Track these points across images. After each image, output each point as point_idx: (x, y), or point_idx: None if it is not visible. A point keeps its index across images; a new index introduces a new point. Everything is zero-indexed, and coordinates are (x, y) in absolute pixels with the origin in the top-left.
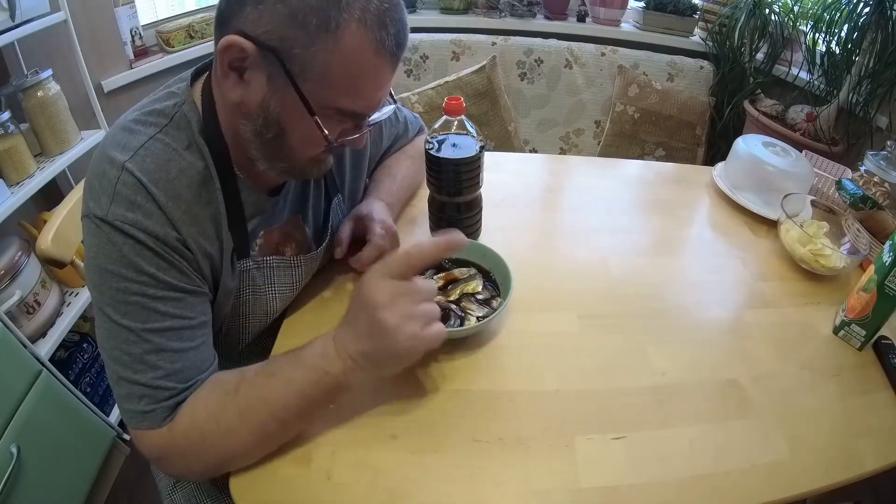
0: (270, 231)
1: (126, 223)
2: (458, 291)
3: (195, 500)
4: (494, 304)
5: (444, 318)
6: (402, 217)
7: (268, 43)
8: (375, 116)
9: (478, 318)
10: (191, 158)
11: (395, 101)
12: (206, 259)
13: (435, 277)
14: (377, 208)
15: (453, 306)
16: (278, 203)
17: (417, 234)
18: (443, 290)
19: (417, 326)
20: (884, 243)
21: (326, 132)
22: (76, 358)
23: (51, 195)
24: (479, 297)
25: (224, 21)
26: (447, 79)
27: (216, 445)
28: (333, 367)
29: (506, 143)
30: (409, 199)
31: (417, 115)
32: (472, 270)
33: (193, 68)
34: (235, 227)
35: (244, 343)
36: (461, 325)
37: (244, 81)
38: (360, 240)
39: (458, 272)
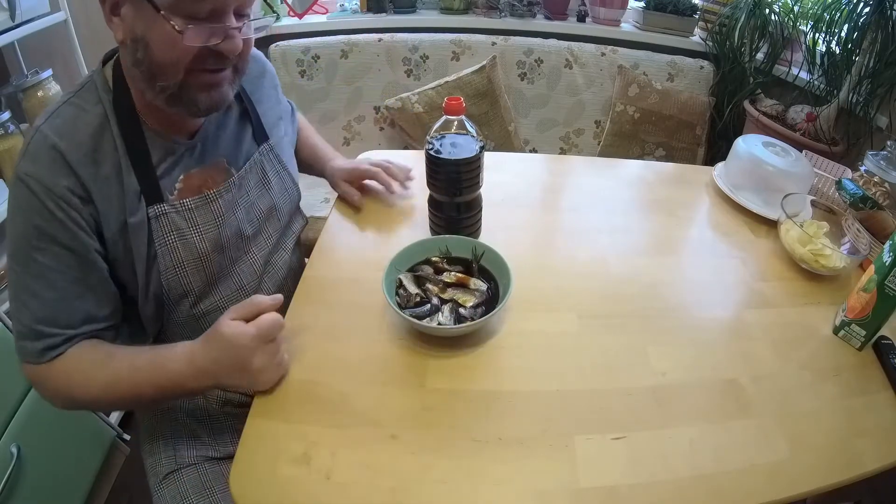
0: (190, 175)
1: (27, 175)
2: (451, 294)
3: (182, 495)
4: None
5: (436, 309)
6: (401, 217)
7: None
8: (249, 25)
9: (463, 317)
10: (94, 112)
11: (277, 16)
12: (105, 199)
13: (454, 274)
14: (342, 162)
15: (446, 304)
16: (195, 147)
17: (417, 234)
18: (446, 283)
19: (273, 364)
20: (884, 243)
21: (175, 25)
22: None
23: None
24: (461, 310)
25: None
26: (447, 79)
27: (81, 401)
28: (194, 384)
29: (506, 143)
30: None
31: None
32: (482, 291)
33: (105, 53)
34: (141, 171)
35: (200, 303)
36: (458, 319)
37: (122, 18)
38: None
39: (473, 283)
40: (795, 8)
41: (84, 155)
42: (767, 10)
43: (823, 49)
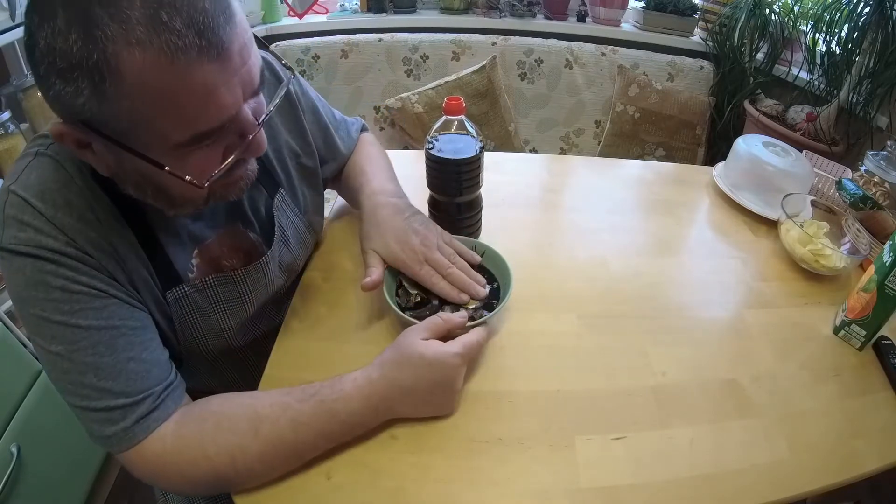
0: (206, 246)
1: (21, 244)
2: None
3: (190, 499)
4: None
5: (436, 310)
6: None
7: (75, 119)
8: (265, 111)
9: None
10: (77, 170)
11: (292, 72)
12: (116, 263)
13: None
14: (384, 224)
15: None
16: (202, 217)
17: None
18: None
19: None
20: (884, 243)
21: (189, 177)
22: None
23: None
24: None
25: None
26: (447, 79)
27: (227, 479)
28: (372, 422)
29: (506, 143)
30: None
31: (357, 118)
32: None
33: None
34: (151, 254)
35: (213, 358)
36: None
37: (97, 153)
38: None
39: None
40: (795, 8)
41: (78, 219)
42: (767, 10)
43: (823, 49)
